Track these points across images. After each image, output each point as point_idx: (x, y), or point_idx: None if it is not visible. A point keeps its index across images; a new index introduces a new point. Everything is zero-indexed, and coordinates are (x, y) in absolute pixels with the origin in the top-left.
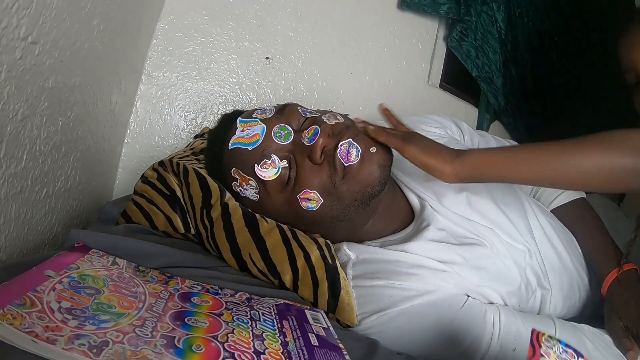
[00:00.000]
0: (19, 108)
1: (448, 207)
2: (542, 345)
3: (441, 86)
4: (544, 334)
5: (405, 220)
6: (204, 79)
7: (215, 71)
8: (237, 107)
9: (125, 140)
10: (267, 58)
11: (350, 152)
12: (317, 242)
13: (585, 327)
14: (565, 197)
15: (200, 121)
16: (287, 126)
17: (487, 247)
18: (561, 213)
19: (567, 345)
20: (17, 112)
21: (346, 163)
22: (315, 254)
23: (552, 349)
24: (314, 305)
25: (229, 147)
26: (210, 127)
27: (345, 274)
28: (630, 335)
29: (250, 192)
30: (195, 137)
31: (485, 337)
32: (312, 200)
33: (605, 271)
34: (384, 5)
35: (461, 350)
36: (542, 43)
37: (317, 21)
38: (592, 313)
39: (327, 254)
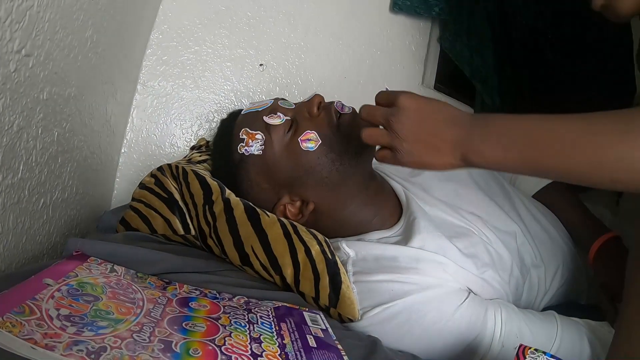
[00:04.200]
0: (14, 120)
1: (435, 196)
2: (527, 357)
3: (436, 87)
4: (530, 348)
5: (395, 211)
6: (199, 87)
7: (209, 79)
8: None
9: (122, 150)
10: (260, 65)
11: (344, 107)
12: (316, 238)
13: (589, 322)
14: (539, 181)
15: (196, 129)
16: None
17: (477, 235)
18: (541, 197)
19: (552, 356)
20: (12, 124)
21: (341, 112)
22: (315, 249)
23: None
24: (316, 299)
25: (242, 114)
26: (206, 138)
27: (346, 271)
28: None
29: (256, 146)
30: (192, 148)
31: (487, 335)
32: (311, 140)
33: (589, 243)
34: (377, 8)
35: (462, 348)
36: (536, 41)
37: (309, 27)
38: (590, 287)
39: (326, 250)
